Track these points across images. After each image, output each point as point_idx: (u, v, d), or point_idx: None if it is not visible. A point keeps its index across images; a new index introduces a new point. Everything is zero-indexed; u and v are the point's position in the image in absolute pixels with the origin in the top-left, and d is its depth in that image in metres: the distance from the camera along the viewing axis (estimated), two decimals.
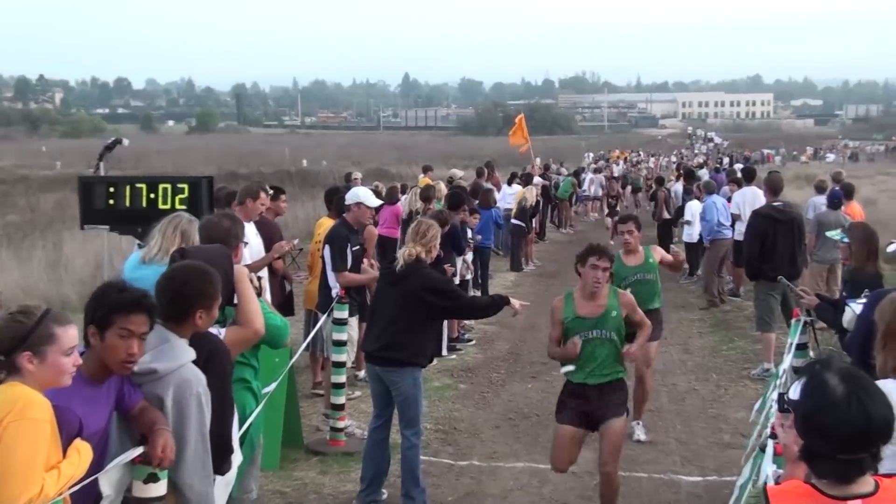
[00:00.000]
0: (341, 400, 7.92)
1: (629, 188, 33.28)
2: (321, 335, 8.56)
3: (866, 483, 2.59)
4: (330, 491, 6.99)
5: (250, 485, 5.37)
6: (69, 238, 16.45)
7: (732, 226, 14.70)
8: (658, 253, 8.17)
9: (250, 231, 7.07)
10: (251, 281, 5.01)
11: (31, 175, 43.84)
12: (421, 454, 6.86)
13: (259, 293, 5.12)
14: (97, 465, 3.57)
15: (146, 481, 3.68)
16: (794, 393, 2.70)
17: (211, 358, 4.08)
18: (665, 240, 20.83)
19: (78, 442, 3.42)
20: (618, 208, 27.63)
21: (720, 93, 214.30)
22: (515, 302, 6.69)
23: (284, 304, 8.60)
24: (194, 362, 3.95)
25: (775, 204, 10.50)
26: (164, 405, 3.80)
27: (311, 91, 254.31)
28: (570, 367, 6.08)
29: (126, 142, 9.39)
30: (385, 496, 6.79)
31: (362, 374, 9.17)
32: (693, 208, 16.78)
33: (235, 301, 4.79)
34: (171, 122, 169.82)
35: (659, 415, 8.93)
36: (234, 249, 5.06)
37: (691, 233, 17.02)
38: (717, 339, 12.30)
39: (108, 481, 3.61)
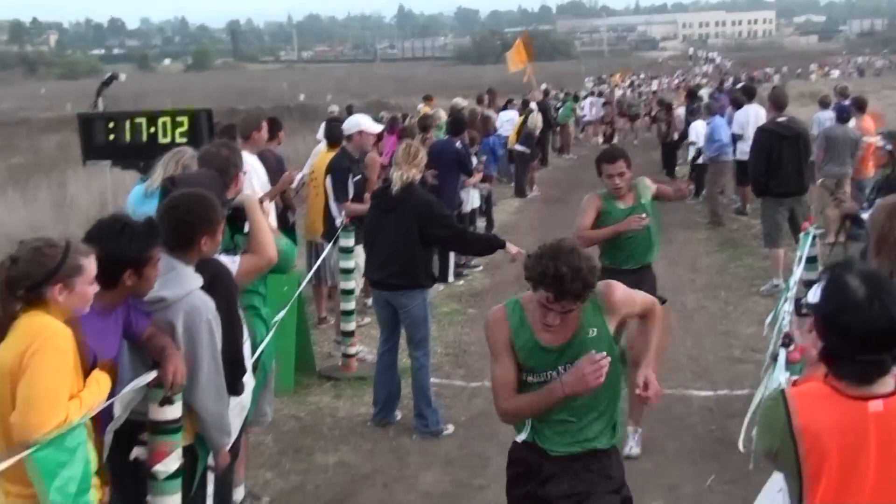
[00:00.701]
0: (351, 326, 7.96)
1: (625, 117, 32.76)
2: (326, 265, 8.57)
3: (886, 383, 2.58)
4: (344, 414, 7.06)
5: (265, 408, 5.43)
6: (73, 177, 16.40)
7: (734, 145, 14.59)
8: (651, 188, 6.46)
9: (255, 163, 7.00)
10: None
11: (32, 117, 43.60)
12: (433, 377, 6.94)
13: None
14: (111, 393, 3.60)
15: (161, 404, 3.73)
16: (814, 296, 2.67)
17: (214, 281, 4.08)
18: (670, 162, 20.79)
19: (97, 373, 3.44)
20: (615, 139, 27.03)
21: (720, 12, 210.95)
22: (512, 247, 6.52)
23: (288, 234, 8.58)
24: (211, 290, 3.97)
25: (780, 119, 10.38)
26: (175, 332, 3.83)
27: (306, 25, 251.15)
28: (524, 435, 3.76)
29: (123, 76, 9.32)
30: (399, 417, 6.88)
31: (370, 301, 9.20)
32: (697, 129, 16.64)
33: (246, 230, 4.80)
34: (167, 61, 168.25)
35: (668, 332, 8.96)
36: (234, 178, 5.01)
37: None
38: (724, 258, 12.29)
39: (121, 405, 3.64)
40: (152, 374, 3.69)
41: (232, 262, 4.58)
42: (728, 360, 8.05)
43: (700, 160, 16.32)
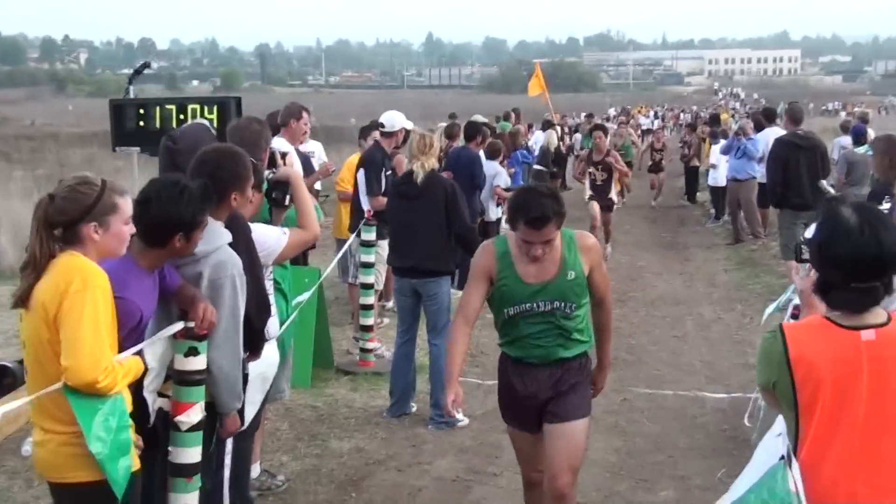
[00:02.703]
0: (370, 321, 8.05)
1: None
2: (352, 260, 8.69)
3: (879, 314, 2.69)
4: (361, 405, 7.13)
5: (282, 385, 5.51)
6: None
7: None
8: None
9: (294, 156, 7.07)
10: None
11: (60, 132, 44.17)
12: None
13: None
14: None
15: (187, 355, 3.80)
16: (810, 232, 2.78)
17: (246, 241, 4.16)
18: (692, 187, 20.86)
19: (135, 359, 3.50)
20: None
21: (747, 49, 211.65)
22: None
23: None
24: (231, 245, 4.03)
25: (797, 132, 10.52)
26: (200, 285, 3.87)
27: (335, 51, 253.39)
28: None
29: (155, 65, 9.48)
30: (415, 409, 6.94)
31: (390, 304, 9.28)
32: (717, 153, 16.72)
33: (287, 203, 4.90)
34: (195, 83, 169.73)
35: (684, 340, 9.02)
36: (263, 153, 5.12)
37: (716, 176, 16.99)
38: (743, 276, 12.32)
39: (152, 354, 3.72)
40: (180, 325, 3.76)
41: (283, 234, 4.69)
42: (743, 366, 8.08)
43: (722, 183, 16.37)
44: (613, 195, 13.69)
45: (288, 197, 4.90)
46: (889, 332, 2.66)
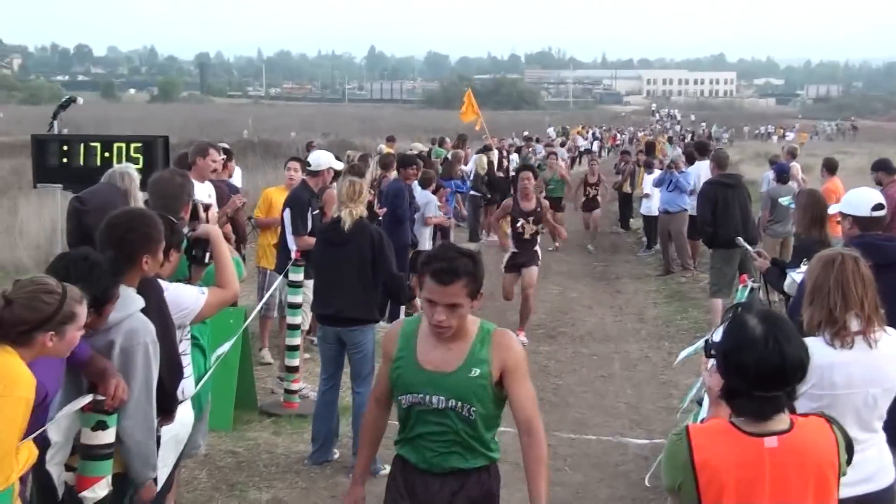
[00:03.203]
0: (296, 362, 7.96)
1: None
2: (276, 298, 8.61)
3: (782, 421, 2.73)
4: (283, 451, 7.04)
5: (198, 441, 5.41)
6: (24, 203, 16.27)
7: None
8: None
9: (204, 192, 7.02)
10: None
11: None
12: None
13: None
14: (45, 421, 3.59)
15: (94, 428, 3.71)
16: (717, 335, 2.81)
17: (159, 305, 4.08)
18: (625, 212, 21.11)
19: (30, 444, 3.41)
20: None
21: (684, 71, 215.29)
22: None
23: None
24: (143, 311, 3.95)
25: (724, 173, 10.82)
26: (111, 354, 3.79)
27: (276, 62, 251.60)
28: None
29: (80, 100, 9.32)
30: (337, 455, 6.88)
31: (315, 339, 9.22)
32: (650, 182, 16.93)
33: (207, 261, 4.81)
34: (132, 91, 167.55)
35: (610, 380, 9.10)
36: (185, 207, 5.06)
37: (650, 206, 17.19)
38: (671, 310, 12.49)
39: (57, 429, 3.64)
40: (88, 398, 3.68)
41: (201, 294, 4.60)
42: (666, 409, 8.17)
43: (654, 213, 16.59)
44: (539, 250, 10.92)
45: (208, 254, 4.83)
46: (791, 440, 2.70)
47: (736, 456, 2.68)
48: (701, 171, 14.23)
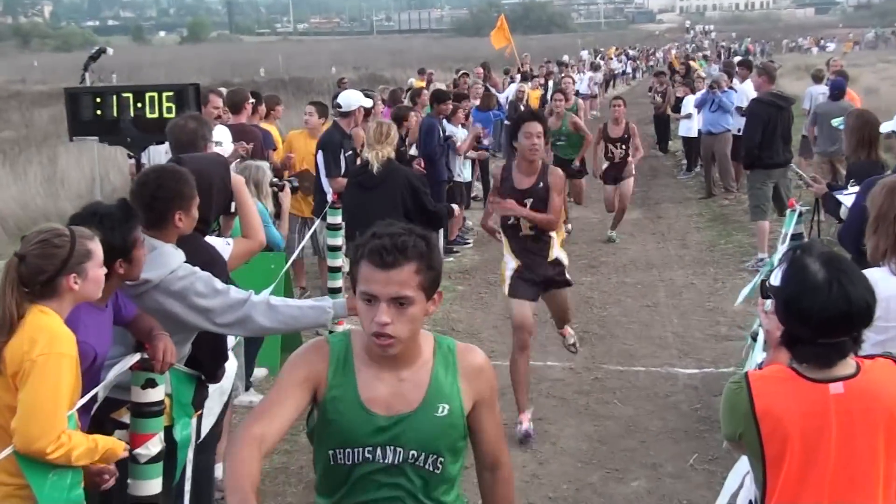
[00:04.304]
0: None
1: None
2: (315, 241, 8.59)
3: (847, 365, 2.61)
4: None
5: (236, 383, 5.45)
6: (64, 152, 16.34)
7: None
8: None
9: (224, 135, 6.89)
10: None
11: (25, 90, 43.31)
12: None
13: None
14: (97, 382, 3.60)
15: (144, 387, 3.71)
16: (776, 279, 2.69)
17: (206, 269, 4.05)
18: (664, 136, 20.73)
19: (104, 439, 3.42)
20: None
21: None
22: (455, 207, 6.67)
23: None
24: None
25: (776, 91, 10.51)
26: (163, 311, 3.80)
27: None
28: None
29: (110, 51, 9.22)
30: None
31: None
32: (690, 102, 16.59)
33: (233, 210, 4.76)
34: (162, 33, 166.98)
35: (656, 310, 9.01)
36: (203, 151, 4.96)
37: (690, 126, 16.86)
38: (714, 234, 12.31)
39: (105, 389, 3.65)
40: (136, 357, 3.68)
41: (226, 245, 4.57)
42: (714, 337, 8.08)
43: (694, 133, 16.28)
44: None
45: (233, 204, 4.77)
46: (857, 385, 2.58)
47: (799, 404, 2.57)
48: (747, 92, 13.88)
